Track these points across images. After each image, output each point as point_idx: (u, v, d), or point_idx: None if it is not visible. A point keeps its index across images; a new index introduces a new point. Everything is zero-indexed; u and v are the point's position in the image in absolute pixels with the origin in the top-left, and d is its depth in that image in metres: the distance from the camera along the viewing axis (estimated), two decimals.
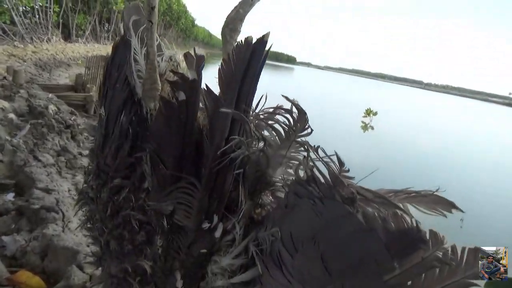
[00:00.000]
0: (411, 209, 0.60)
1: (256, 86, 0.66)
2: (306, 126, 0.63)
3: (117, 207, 0.76)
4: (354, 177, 0.60)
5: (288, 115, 0.64)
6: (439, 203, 0.61)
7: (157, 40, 0.76)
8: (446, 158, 10.29)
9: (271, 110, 0.71)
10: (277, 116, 0.68)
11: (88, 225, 0.89)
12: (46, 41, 14.75)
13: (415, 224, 0.53)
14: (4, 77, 6.57)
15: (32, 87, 6.51)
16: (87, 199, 0.89)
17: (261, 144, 0.64)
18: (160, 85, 0.72)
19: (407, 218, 0.54)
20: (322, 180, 0.59)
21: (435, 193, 0.61)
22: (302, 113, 0.63)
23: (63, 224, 2.50)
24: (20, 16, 13.45)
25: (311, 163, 0.62)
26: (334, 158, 0.60)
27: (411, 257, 0.52)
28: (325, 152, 0.62)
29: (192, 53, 0.66)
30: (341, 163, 0.59)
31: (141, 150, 0.73)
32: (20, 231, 2.37)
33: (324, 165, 0.60)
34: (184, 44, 46.05)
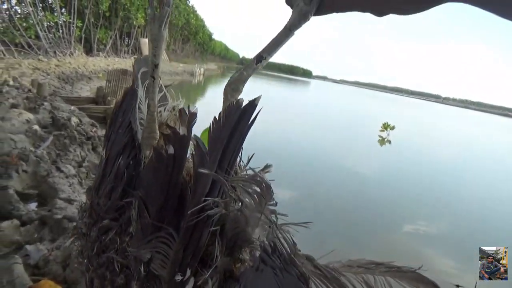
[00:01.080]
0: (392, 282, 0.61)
1: (241, 146, 0.70)
2: (272, 201, 0.66)
3: (103, 247, 0.79)
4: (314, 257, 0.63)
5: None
6: (421, 282, 0.61)
7: (162, 91, 0.80)
8: (465, 172, 10.09)
9: (247, 175, 0.74)
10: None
11: (79, 259, 0.92)
12: (69, 55, 15.22)
13: None
14: (29, 90, 6.79)
15: (55, 100, 6.71)
16: (79, 234, 0.92)
17: (239, 204, 0.67)
18: (158, 134, 0.76)
19: None
20: (284, 252, 0.62)
21: (417, 271, 0.62)
22: (268, 187, 0.66)
23: None
24: (45, 31, 13.95)
25: (276, 233, 0.64)
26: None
27: None
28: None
29: (186, 110, 0.70)
30: (294, 243, 0.63)
31: (131, 195, 0.76)
32: (43, 241, 2.42)
33: (285, 238, 0.64)
34: (202, 57, 46.77)
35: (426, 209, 5.93)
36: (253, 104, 0.67)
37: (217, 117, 0.69)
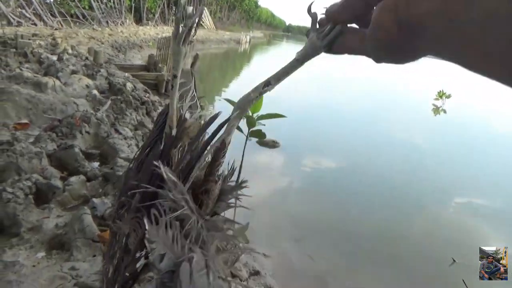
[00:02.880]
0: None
1: (200, 156, 0.73)
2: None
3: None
4: None
5: None
6: None
7: (194, 100, 0.84)
8: None
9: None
10: None
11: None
12: (120, 24, 15.67)
13: None
14: (86, 58, 7.10)
15: (110, 67, 6.97)
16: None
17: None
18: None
19: None
20: None
21: None
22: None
23: None
24: (97, 1, 14.39)
25: None
26: None
27: None
28: None
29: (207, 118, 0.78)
30: None
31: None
32: (106, 195, 2.59)
33: None
34: (247, 25, 46.22)
35: (487, 183, 5.61)
36: (213, 118, 0.76)
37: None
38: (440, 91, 12.87)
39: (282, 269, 2.68)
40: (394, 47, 0.33)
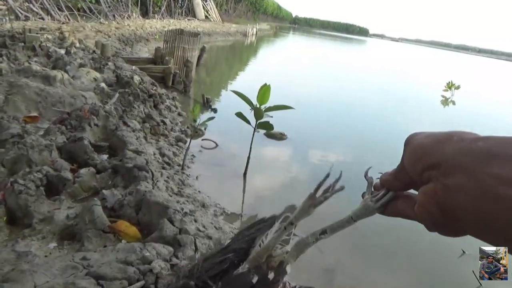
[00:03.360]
0: None
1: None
2: None
3: None
4: None
5: None
6: None
7: (290, 236, 0.83)
8: None
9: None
10: None
11: None
12: (127, 17, 15.66)
13: None
14: (94, 51, 7.12)
15: (118, 60, 6.99)
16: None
17: None
18: (263, 260, 0.80)
19: None
20: None
21: None
22: None
23: (153, 182, 2.69)
24: None
25: None
26: None
27: None
28: None
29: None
30: None
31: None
32: (116, 187, 2.61)
33: None
34: (254, 17, 45.91)
35: None
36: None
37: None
38: (449, 82, 12.72)
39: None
40: (439, 225, 0.36)
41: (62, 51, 6.04)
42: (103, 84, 4.77)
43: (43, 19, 10.69)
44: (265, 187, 3.84)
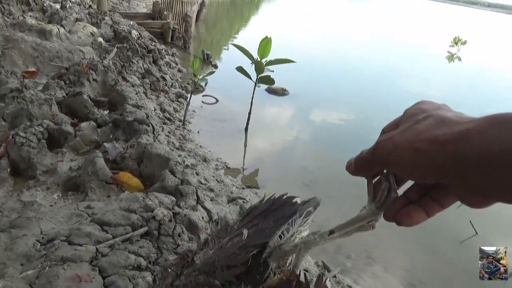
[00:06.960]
0: None
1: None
2: None
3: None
4: None
5: None
6: None
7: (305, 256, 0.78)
8: None
9: None
10: None
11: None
12: None
13: None
14: (90, 6, 6.90)
15: (114, 15, 6.78)
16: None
17: None
18: (287, 262, 0.77)
19: None
20: None
21: None
22: None
23: (154, 136, 2.70)
24: None
25: None
26: None
27: None
28: None
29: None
30: None
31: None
32: (117, 140, 2.62)
33: None
34: None
35: None
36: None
37: None
38: (455, 37, 12.37)
39: None
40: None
41: (57, 6, 5.86)
42: (100, 39, 4.66)
43: None
44: (267, 142, 3.85)
